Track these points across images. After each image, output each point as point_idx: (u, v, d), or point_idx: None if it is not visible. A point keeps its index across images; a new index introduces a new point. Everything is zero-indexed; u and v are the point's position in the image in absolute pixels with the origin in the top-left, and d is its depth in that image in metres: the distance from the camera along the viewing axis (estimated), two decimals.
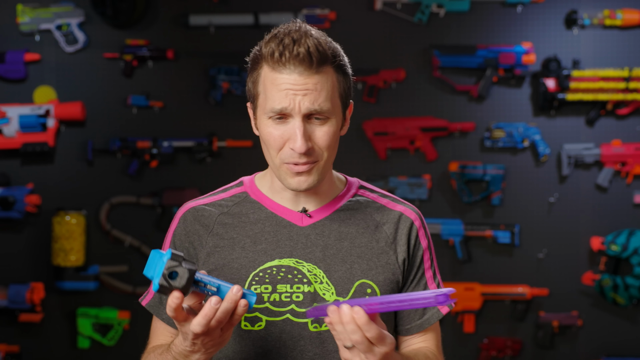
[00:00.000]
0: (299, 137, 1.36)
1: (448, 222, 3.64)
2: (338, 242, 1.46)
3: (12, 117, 3.61)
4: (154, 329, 1.53)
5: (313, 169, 1.40)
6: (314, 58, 1.34)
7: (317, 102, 1.36)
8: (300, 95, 1.35)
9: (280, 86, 1.35)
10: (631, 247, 3.52)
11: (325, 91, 1.37)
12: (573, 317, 3.64)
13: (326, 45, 1.37)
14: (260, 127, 1.41)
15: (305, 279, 1.43)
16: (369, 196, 1.54)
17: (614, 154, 3.59)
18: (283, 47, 1.34)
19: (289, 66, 1.34)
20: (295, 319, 1.43)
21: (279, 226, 1.47)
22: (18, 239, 3.75)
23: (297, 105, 1.35)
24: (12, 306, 3.63)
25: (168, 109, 3.73)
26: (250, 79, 1.42)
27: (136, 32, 3.71)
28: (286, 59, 1.34)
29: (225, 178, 4.06)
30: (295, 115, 1.36)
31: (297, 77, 1.34)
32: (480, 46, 3.61)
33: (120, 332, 3.70)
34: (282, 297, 1.43)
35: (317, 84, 1.35)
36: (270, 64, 1.36)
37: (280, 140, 1.38)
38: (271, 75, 1.37)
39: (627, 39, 3.62)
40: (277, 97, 1.35)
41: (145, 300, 1.53)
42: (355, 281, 1.44)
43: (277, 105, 1.36)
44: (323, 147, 1.40)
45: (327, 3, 3.67)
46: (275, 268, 1.44)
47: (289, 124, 1.37)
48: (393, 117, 3.67)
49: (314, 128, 1.38)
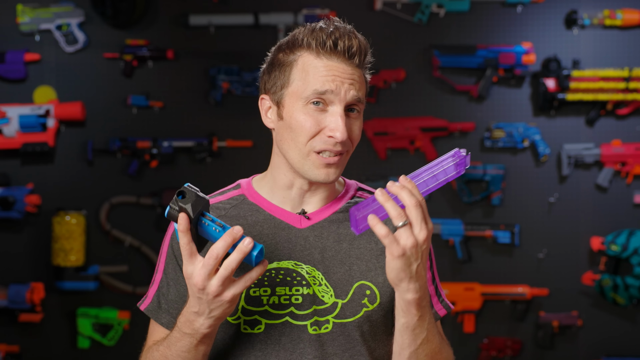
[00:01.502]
0: (342, 124, 1.37)
1: (448, 222, 3.64)
2: (337, 243, 1.46)
3: (12, 117, 3.61)
4: (151, 332, 1.52)
5: (341, 161, 1.42)
6: (362, 53, 1.40)
7: (360, 92, 1.40)
8: (347, 83, 1.38)
9: (331, 72, 1.38)
10: (631, 247, 3.52)
11: (362, 85, 1.42)
12: (573, 317, 3.64)
13: (368, 47, 1.43)
14: (292, 114, 1.40)
15: (304, 281, 1.43)
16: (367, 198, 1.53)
17: (614, 154, 3.59)
18: (336, 38, 1.38)
19: (340, 56, 1.38)
20: (294, 322, 1.42)
21: (277, 228, 1.46)
22: (18, 239, 3.75)
23: (344, 92, 1.38)
24: (12, 306, 3.63)
25: (168, 109, 3.73)
26: (278, 69, 1.42)
27: (136, 32, 3.71)
28: (340, 49, 1.38)
29: (225, 178, 4.05)
30: (338, 102, 1.38)
31: (346, 67, 1.38)
32: (480, 46, 3.61)
33: (120, 332, 3.70)
34: (281, 299, 1.42)
35: (360, 77, 1.41)
36: (318, 51, 1.38)
37: (315, 127, 1.39)
38: (316, 62, 1.39)
39: (627, 39, 3.62)
40: (323, 80, 1.38)
41: (143, 304, 1.52)
42: (354, 283, 1.44)
43: (321, 87, 1.37)
44: (355, 140, 1.43)
45: (327, 3, 3.67)
46: (274, 270, 1.43)
47: (327, 112, 1.39)
48: (393, 117, 3.67)
49: (350, 121, 1.41)
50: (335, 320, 1.42)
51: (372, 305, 1.44)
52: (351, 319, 1.43)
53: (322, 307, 1.42)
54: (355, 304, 1.43)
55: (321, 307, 1.42)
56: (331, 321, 1.42)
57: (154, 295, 1.50)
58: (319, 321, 1.42)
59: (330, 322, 1.42)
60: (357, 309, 1.43)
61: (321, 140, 1.39)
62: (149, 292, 1.51)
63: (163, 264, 1.50)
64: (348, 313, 1.43)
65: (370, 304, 1.44)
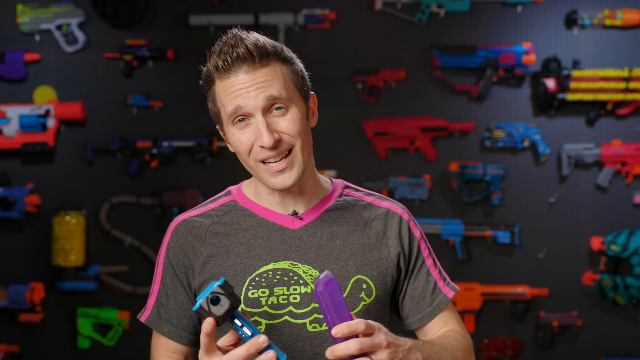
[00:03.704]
0: (263, 131, 1.38)
1: (448, 222, 3.64)
2: (330, 241, 1.48)
3: (12, 117, 3.61)
4: (155, 345, 1.53)
5: (291, 161, 1.42)
6: (254, 53, 1.38)
7: (271, 91, 1.38)
8: (252, 91, 1.38)
9: (232, 89, 1.39)
10: (631, 247, 3.53)
11: (277, 80, 1.40)
12: (573, 317, 3.64)
13: (264, 41, 1.41)
14: (230, 137, 1.44)
15: (302, 280, 1.44)
16: (355, 195, 1.56)
17: (614, 154, 3.59)
18: (224, 54, 1.38)
19: (234, 69, 1.38)
20: (293, 320, 1.44)
21: (271, 230, 1.48)
22: (18, 239, 3.75)
23: (253, 101, 1.38)
24: (12, 306, 3.63)
25: (168, 109, 3.73)
26: (210, 101, 1.46)
27: (136, 32, 3.71)
28: (230, 64, 1.38)
29: (225, 178, 4.05)
30: (254, 112, 1.39)
31: (244, 76, 1.38)
32: (480, 46, 3.61)
33: (120, 332, 3.70)
34: (280, 299, 1.44)
35: (266, 76, 1.39)
36: (218, 75, 1.40)
37: (248, 142, 1.41)
38: (221, 85, 1.41)
39: (627, 39, 3.62)
40: (229, 100, 1.39)
41: (143, 316, 1.53)
42: (351, 278, 1.46)
43: (230, 107, 1.39)
44: (292, 134, 1.41)
45: (327, 3, 3.67)
46: (271, 272, 1.45)
47: (251, 124, 1.40)
48: (393, 117, 3.67)
49: (276, 120, 1.41)
50: None
51: (369, 299, 1.47)
52: None
53: None
54: (354, 298, 1.45)
55: None
56: None
57: (153, 306, 1.52)
58: (319, 318, 1.44)
59: None
60: (356, 303, 1.45)
61: (258, 151, 1.41)
62: (148, 304, 1.53)
63: (160, 274, 1.51)
64: None
65: (367, 297, 1.46)
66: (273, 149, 1.39)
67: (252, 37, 1.40)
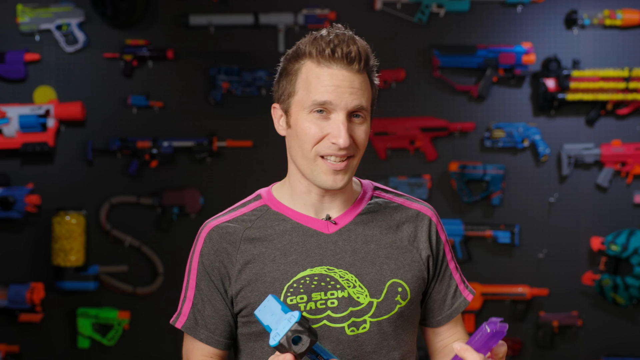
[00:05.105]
0: (343, 131, 1.40)
1: (448, 222, 3.64)
2: (365, 245, 1.49)
3: (12, 117, 3.61)
4: (189, 350, 1.53)
5: (348, 166, 1.44)
6: (362, 59, 1.42)
7: (362, 100, 1.42)
8: (347, 91, 1.40)
9: (328, 80, 1.40)
10: (631, 247, 3.53)
11: (367, 92, 1.44)
12: (573, 317, 3.64)
13: (369, 51, 1.45)
14: (298, 122, 1.43)
15: (339, 285, 1.45)
16: (385, 197, 1.57)
17: (614, 154, 3.59)
18: (334, 45, 1.40)
19: (339, 63, 1.40)
20: (332, 325, 1.45)
21: (306, 236, 1.48)
22: (18, 239, 3.75)
23: (344, 101, 1.40)
24: (12, 306, 3.63)
25: (168, 109, 3.73)
26: (285, 78, 1.46)
27: (136, 32, 3.71)
28: (339, 55, 1.40)
29: (225, 178, 4.04)
30: (339, 110, 1.41)
31: (346, 74, 1.41)
32: (480, 46, 3.61)
33: (120, 332, 3.70)
34: (318, 304, 1.45)
35: (362, 84, 1.43)
36: (318, 60, 1.41)
37: (319, 133, 1.42)
38: (317, 70, 1.41)
39: (627, 39, 3.62)
40: (323, 90, 1.40)
41: (179, 322, 1.52)
42: (387, 281, 1.47)
43: (320, 97, 1.40)
44: (361, 144, 1.45)
45: (327, 3, 3.67)
46: (308, 277, 1.45)
47: (330, 119, 1.41)
48: (393, 117, 3.67)
49: (354, 126, 1.43)
50: (372, 319, 1.46)
51: (404, 302, 1.48)
52: (386, 316, 1.47)
53: (358, 308, 1.46)
54: (390, 301, 1.47)
55: (357, 308, 1.45)
56: (368, 320, 1.46)
57: (189, 312, 1.51)
58: (356, 322, 1.45)
59: (367, 322, 1.46)
60: (392, 306, 1.47)
61: (325, 146, 1.42)
62: (183, 310, 1.52)
63: (194, 280, 1.51)
64: (383, 311, 1.47)
65: (402, 300, 1.48)
66: (342, 149, 1.41)
67: (361, 42, 1.43)
